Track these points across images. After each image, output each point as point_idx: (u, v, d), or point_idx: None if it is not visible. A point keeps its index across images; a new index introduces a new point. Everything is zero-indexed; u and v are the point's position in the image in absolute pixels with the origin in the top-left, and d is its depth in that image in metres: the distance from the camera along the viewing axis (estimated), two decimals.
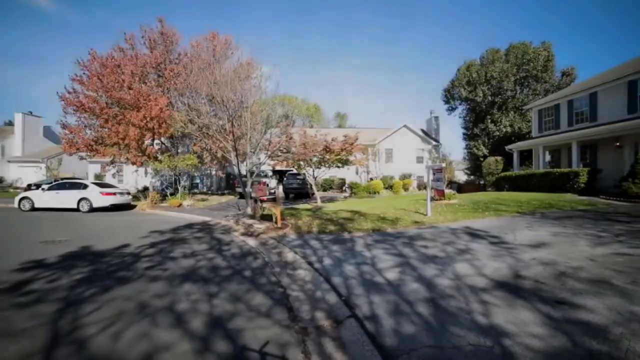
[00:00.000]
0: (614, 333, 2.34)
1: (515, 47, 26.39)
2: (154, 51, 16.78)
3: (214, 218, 9.98)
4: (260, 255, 5.17)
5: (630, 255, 4.24)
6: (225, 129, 10.31)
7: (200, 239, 6.72)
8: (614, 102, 13.95)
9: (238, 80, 10.42)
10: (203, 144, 14.94)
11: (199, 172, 26.81)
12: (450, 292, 3.17)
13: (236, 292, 3.51)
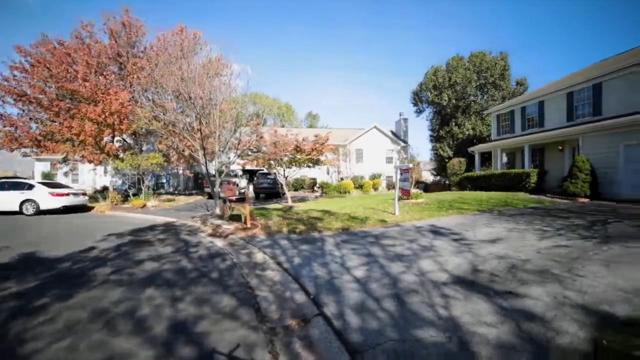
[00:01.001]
0: (548, 316, 2.62)
1: (475, 56, 28.17)
2: (114, 42, 15.66)
3: (181, 219, 9.57)
4: (229, 257, 5.06)
5: (567, 247, 4.72)
6: (193, 126, 9.93)
7: (164, 241, 6.42)
8: (557, 110, 15.45)
9: (207, 77, 10.08)
10: (169, 142, 14.27)
11: (165, 172, 25.55)
12: (414, 288, 3.32)
13: (203, 295, 3.41)
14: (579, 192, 11.46)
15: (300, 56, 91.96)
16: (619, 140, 11.45)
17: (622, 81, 12.67)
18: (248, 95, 49.13)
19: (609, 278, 3.41)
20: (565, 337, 2.31)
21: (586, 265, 3.84)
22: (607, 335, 2.30)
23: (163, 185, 26.25)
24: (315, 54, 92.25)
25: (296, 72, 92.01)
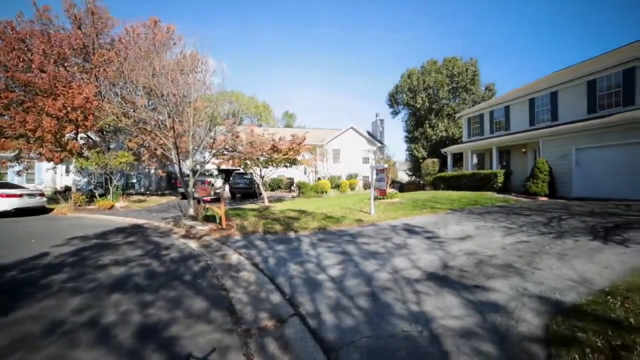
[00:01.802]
0: (510, 306, 2.81)
1: (448, 61, 29.39)
2: (78, 31, 14.57)
3: (152, 220, 9.17)
4: (203, 258, 4.92)
5: (528, 242, 5.07)
6: (165, 124, 9.53)
7: (133, 243, 6.12)
8: (521, 115, 16.51)
9: (181, 73, 9.71)
10: (140, 140, 13.56)
11: (136, 171, 24.34)
12: (388, 285, 3.42)
13: (174, 298, 3.30)
14: (540, 192, 12.31)
15: (277, 55, 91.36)
16: (572, 144, 12.43)
17: (574, 90, 13.82)
18: (224, 93, 48.09)
19: (561, 269, 3.71)
20: (523, 325, 2.48)
21: (543, 259, 4.15)
22: (557, 321, 2.50)
23: (133, 185, 24.97)
24: (292, 53, 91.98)
25: (273, 71, 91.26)
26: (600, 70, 12.78)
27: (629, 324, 2.40)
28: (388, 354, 2.17)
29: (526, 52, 72.37)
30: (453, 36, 73.27)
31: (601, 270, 3.68)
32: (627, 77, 11.93)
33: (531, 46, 72.32)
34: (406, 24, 78.77)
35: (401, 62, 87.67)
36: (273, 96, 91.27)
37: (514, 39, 72.27)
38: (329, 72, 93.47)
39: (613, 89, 12.42)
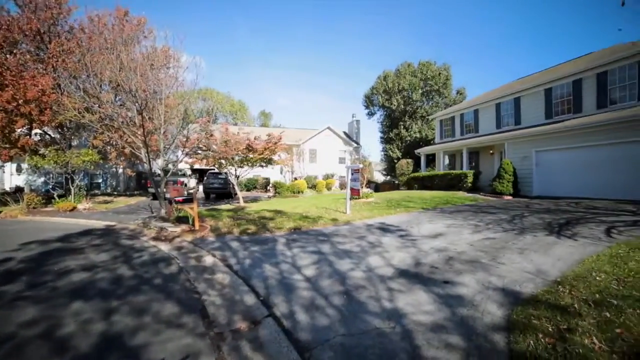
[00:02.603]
0: (476, 299, 2.97)
1: (422, 64, 30.44)
2: (30, 15, 13.24)
3: (120, 222, 8.69)
4: (174, 261, 4.74)
5: (493, 239, 5.38)
6: (134, 122, 9.05)
7: (99, 247, 5.77)
8: (488, 118, 17.49)
9: (151, 68, 9.28)
10: (106, 137, 12.76)
11: (102, 170, 22.91)
12: (362, 283, 3.48)
13: (143, 304, 3.15)
14: (505, 191, 13.09)
15: (254, 54, 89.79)
16: (532, 147, 13.35)
17: (534, 97, 14.90)
18: (198, 90, 46.36)
19: (522, 263, 3.98)
20: (487, 317, 2.64)
21: (506, 254, 4.42)
22: (517, 311, 2.69)
23: (99, 185, 23.48)
24: (269, 52, 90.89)
25: (250, 69, 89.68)
26: (555, 80, 13.90)
27: (574, 310, 2.65)
28: (361, 351, 2.21)
29: (495, 58, 76.62)
30: (427, 41, 75.99)
31: (554, 262, 3.99)
32: (576, 87, 13.09)
33: (499, 53, 76.68)
34: (383, 27, 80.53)
35: (377, 64, 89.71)
36: (249, 95, 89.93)
37: (483, 46, 76.27)
38: (307, 72, 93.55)
39: (565, 97, 13.55)
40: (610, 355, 2.03)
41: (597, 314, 2.56)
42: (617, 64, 11.76)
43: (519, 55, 73.52)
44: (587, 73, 12.69)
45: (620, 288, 3.05)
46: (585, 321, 2.44)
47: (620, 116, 10.56)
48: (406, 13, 74.37)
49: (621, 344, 2.14)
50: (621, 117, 10.46)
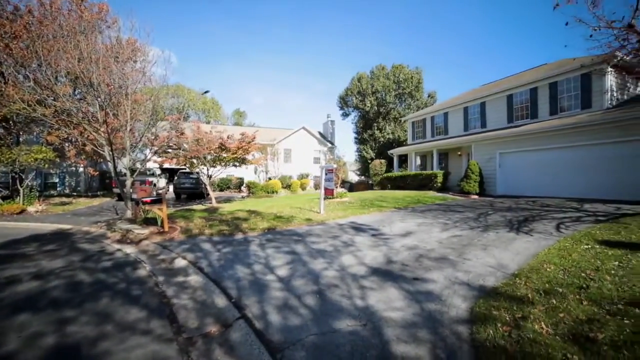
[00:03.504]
0: (444, 294, 3.11)
1: (395, 67, 31.30)
2: None
3: (79, 225, 8.09)
4: (141, 265, 4.52)
5: (460, 236, 5.66)
6: (96, 117, 8.47)
7: (53, 252, 5.34)
8: (457, 121, 18.37)
9: (115, 60, 8.73)
10: (63, 133, 11.78)
11: (59, 169, 21.17)
12: (335, 282, 3.52)
13: (104, 311, 2.97)
14: (472, 190, 13.81)
15: (228, 51, 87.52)
16: (496, 149, 14.22)
17: (497, 102, 15.88)
18: (169, 86, 44.25)
19: (485, 258, 4.23)
20: (453, 310, 2.77)
21: (472, 250, 4.67)
22: (479, 303, 2.86)
23: (55, 185, 21.65)
24: (244, 49, 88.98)
25: (224, 67, 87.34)
26: (515, 87, 14.95)
27: (527, 299, 2.87)
28: (332, 349, 2.24)
29: (463, 64, 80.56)
30: (401, 45, 78.29)
31: (514, 256, 4.29)
32: (532, 95, 14.19)
33: (468, 60, 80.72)
34: (358, 29, 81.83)
35: (352, 66, 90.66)
36: (223, 93, 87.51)
37: (454, 52, 79.88)
38: (283, 72, 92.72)
39: (524, 103, 14.62)
40: (554, 337, 2.24)
41: (546, 301, 2.80)
42: (564, 76, 12.93)
43: (485, 62, 77.97)
44: (541, 82, 13.78)
45: (565, 277, 3.36)
46: (536, 309, 2.66)
47: (568, 123, 11.59)
48: (382, 16, 76.18)
49: (563, 327, 2.38)
50: (568, 124, 11.49)
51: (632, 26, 6.09)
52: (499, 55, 76.78)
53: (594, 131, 10.80)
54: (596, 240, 4.85)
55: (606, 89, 11.60)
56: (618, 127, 10.18)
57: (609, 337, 2.21)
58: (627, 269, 3.52)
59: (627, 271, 3.46)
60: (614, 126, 10.28)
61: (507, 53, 75.70)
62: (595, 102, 11.93)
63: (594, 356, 2.02)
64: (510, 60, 73.49)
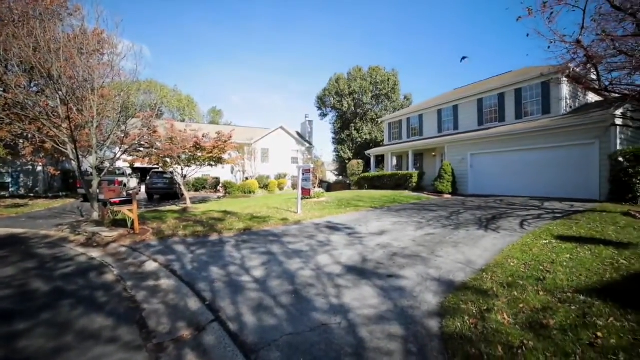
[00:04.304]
0: (416, 290, 3.23)
1: (372, 69, 31.91)
2: None
3: (36, 229, 7.51)
4: (109, 269, 4.29)
5: (433, 234, 5.88)
6: (57, 112, 7.91)
7: (1, 259, 4.90)
8: (431, 123, 19.06)
9: (79, 52, 8.20)
10: (17, 129, 10.88)
11: (11, 168, 19.45)
12: (311, 282, 3.54)
13: (65, 321, 2.79)
14: (445, 190, 14.39)
15: (205, 46, 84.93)
16: (467, 151, 14.91)
17: (469, 105, 16.66)
18: (141, 82, 42.24)
19: (456, 255, 4.43)
20: (425, 305, 2.89)
21: (443, 248, 4.87)
22: (449, 298, 3.00)
23: (6, 186, 19.84)
24: (222, 46, 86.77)
25: (200, 63, 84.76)
26: (485, 92, 15.76)
27: (492, 292, 3.06)
28: (307, 348, 2.25)
29: (438, 68, 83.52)
30: (378, 48, 79.79)
31: (482, 253, 4.53)
32: (500, 100, 15.05)
33: (443, 63, 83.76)
34: (337, 30, 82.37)
35: (331, 67, 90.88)
36: (199, 91, 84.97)
37: (429, 55, 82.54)
38: (261, 71, 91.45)
39: (493, 107, 15.46)
40: (514, 326, 2.42)
41: (508, 294, 2.99)
42: (527, 83, 13.87)
43: (458, 67, 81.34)
44: (508, 88, 14.65)
45: (525, 271, 3.61)
46: (500, 301, 2.84)
47: (530, 127, 12.43)
48: (360, 18, 77.21)
49: (522, 316, 2.58)
50: (530, 128, 12.32)
51: (580, 42, 6.71)
52: (472, 59, 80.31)
53: (551, 135, 11.68)
54: (553, 235, 5.24)
55: (562, 97, 12.58)
56: (569, 132, 11.14)
57: (559, 322, 2.44)
58: (576, 261, 3.86)
59: (576, 262, 3.79)
60: (566, 131, 11.23)
61: (480, 58, 79.50)
62: (554, 108, 12.88)
63: (545, 340, 2.22)
64: (482, 66, 77.23)
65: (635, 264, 3.67)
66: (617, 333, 2.26)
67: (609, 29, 6.77)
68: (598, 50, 6.91)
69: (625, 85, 7.08)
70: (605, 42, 6.78)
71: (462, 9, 73.46)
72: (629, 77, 6.96)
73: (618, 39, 6.64)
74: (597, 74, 7.20)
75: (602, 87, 7.24)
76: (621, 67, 6.85)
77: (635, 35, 6.41)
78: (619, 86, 7.11)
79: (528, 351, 2.09)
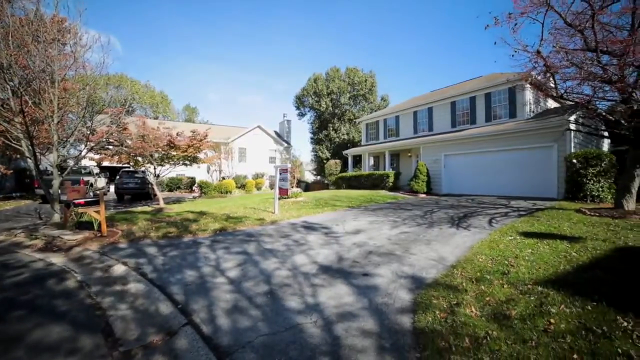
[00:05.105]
0: (390, 288, 3.32)
1: (350, 70, 32.33)
2: None
3: None
4: (71, 275, 4.02)
5: (408, 233, 6.06)
6: (9, 106, 7.28)
7: None
8: (407, 124, 19.61)
9: (36, 40, 7.58)
10: None
11: None
12: (287, 282, 3.53)
13: (15, 334, 2.56)
14: (420, 190, 14.87)
15: (181, 41, 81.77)
16: (441, 151, 15.51)
17: (443, 108, 17.32)
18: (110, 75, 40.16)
19: (429, 253, 4.59)
20: (399, 302, 2.97)
21: (417, 245, 5.03)
22: (421, 294, 3.11)
23: None
24: (199, 42, 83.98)
25: (175, 58, 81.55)
26: (458, 95, 16.46)
27: (462, 287, 3.21)
28: (282, 348, 2.25)
29: (414, 70, 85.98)
30: (356, 49, 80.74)
31: (453, 250, 4.73)
32: (472, 103, 15.79)
33: (418, 66, 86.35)
34: (315, 30, 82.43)
35: (308, 67, 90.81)
36: (174, 87, 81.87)
37: (404, 58, 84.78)
38: (239, 69, 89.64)
39: (465, 110, 16.19)
40: (481, 318, 2.56)
41: (476, 288, 3.15)
42: (495, 88, 14.68)
43: (434, 69, 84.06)
44: (479, 92, 15.40)
45: (492, 266, 3.82)
46: (468, 295, 2.98)
47: (498, 130, 13.17)
48: (339, 19, 77.77)
49: (488, 308, 2.73)
50: (498, 131, 13.06)
51: (539, 52, 7.26)
52: (446, 63, 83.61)
53: (516, 138, 12.45)
54: (518, 232, 5.58)
55: (526, 102, 13.44)
56: (532, 135, 11.98)
57: (519, 312, 2.62)
58: (537, 255, 4.15)
59: (536, 257, 4.08)
60: (529, 134, 12.06)
61: (453, 62, 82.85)
62: (519, 112, 13.72)
63: (507, 329, 2.37)
64: (455, 69, 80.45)
65: (583, 255, 4.02)
66: (567, 318, 2.48)
67: (562, 42, 7.38)
68: (555, 61, 7.49)
69: (576, 94, 7.73)
70: (560, 54, 7.37)
71: (438, 15, 76.21)
72: (579, 86, 7.62)
73: (570, 52, 7.25)
74: (554, 83, 7.78)
75: (559, 94, 7.83)
76: (573, 77, 7.49)
77: (583, 50, 7.03)
78: (572, 94, 7.76)
79: (492, 341, 2.22)
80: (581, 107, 8.02)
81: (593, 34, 6.56)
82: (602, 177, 9.49)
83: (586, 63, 7.08)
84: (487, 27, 7.35)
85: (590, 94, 7.54)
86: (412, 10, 73.81)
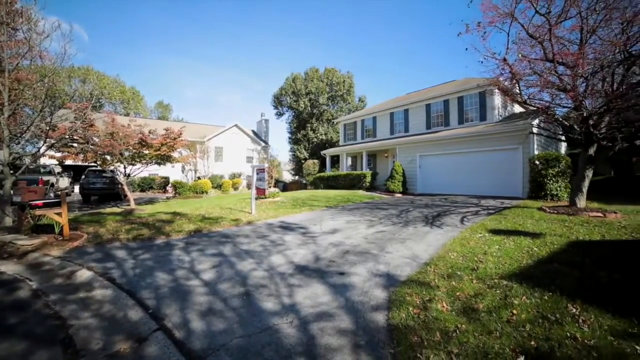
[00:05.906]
0: (366, 286, 3.37)
1: (328, 70, 32.51)
2: None
3: None
4: (25, 284, 3.72)
5: (384, 232, 6.20)
6: None
7: None
8: (384, 125, 20.04)
9: None
10: None
11: None
12: (263, 282, 3.50)
13: None
14: (396, 189, 15.24)
15: (155, 35, 78.15)
16: (417, 152, 16.00)
17: (418, 110, 17.87)
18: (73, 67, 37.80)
19: (403, 251, 4.72)
20: (374, 300, 3.03)
21: (392, 244, 5.16)
22: (396, 291, 3.19)
23: None
24: (173, 36, 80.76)
25: (148, 52, 77.87)
26: (433, 98, 17.05)
27: (435, 284, 3.32)
28: (258, 350, 2.22)
29: (391, 73, 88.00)
30: (335, 50, 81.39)
31: (427, 248, 4.89)
32: (446, 106, 16.42)
33: (395, 69, 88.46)
34: (294, 31, 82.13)
35: (287, 66, 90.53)
36: (147, 83, 78.19)
37: (382, 60, 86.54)
38: (216, 67, 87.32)
39: (439, 112, 16.80)
40: (451, 313, 2.67)
41: (447, 284, 3.28)
42: (467, 92, 15.38)
43: (409, 72, 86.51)
44: (452, 96, 16.06)
45: (463, 262, 4.00)
46: (440, 291, 3.10)
47: (469, 132, 13.82)
48: (319, 19, 77.95)
49: (458, 303, 2.86)
50: (469, 133, 13.71)
51: (506, 60, 7.74)
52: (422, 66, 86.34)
53: (486, 140, 13.11)
54: (487, 229, 5.88)
55: (495, 106, 14.20)
56: (500, 137, 12.67)
57: (486, 305, 2.77)
58: (503, 251, 4.40)
59: (503, 252, 4.32)
60: (497, 137, 12.74)
61: (428, 65, 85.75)
62: (489, 116, 14.46)
63: (475, 322, 2.50)
64: (431, 72, 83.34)
65: (543, 250, 4.33)
66: (527, 309, 2.67)
67: (525, 52, 7.92)
68: (519, 69, 8.02)
69: (537, 100, 8.33)
70: (524, 62, 7.89)
71: (414, 22, 78.55)
72: (540, 93, 8.22)
73: (532, 61, 7.80)
74: (519, 89, 8.31)
75: (523, 100, 8.38)
76: (535, 84, 8.09)
77: (543, 60, 7.59)
78: (534, 100, 8.35)
79: (461, 333, 2.33)
80: (542, 112, 8.64)
81: (550, 46, 7.09)
82: (560, 177, 10.23)
83: (545, 72, 7.64)
84: (460, 34, 7.70)
85: (549, 101, 8.15)
86: (390, 16, 75.62)
